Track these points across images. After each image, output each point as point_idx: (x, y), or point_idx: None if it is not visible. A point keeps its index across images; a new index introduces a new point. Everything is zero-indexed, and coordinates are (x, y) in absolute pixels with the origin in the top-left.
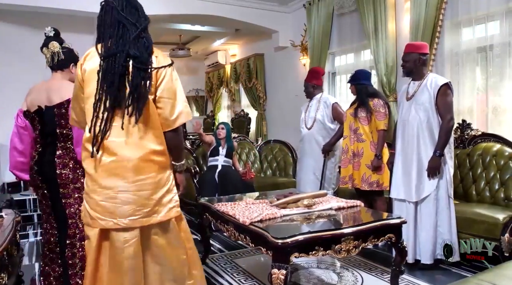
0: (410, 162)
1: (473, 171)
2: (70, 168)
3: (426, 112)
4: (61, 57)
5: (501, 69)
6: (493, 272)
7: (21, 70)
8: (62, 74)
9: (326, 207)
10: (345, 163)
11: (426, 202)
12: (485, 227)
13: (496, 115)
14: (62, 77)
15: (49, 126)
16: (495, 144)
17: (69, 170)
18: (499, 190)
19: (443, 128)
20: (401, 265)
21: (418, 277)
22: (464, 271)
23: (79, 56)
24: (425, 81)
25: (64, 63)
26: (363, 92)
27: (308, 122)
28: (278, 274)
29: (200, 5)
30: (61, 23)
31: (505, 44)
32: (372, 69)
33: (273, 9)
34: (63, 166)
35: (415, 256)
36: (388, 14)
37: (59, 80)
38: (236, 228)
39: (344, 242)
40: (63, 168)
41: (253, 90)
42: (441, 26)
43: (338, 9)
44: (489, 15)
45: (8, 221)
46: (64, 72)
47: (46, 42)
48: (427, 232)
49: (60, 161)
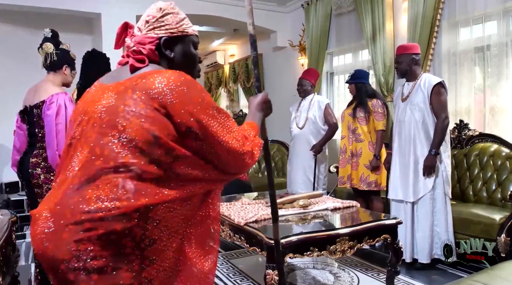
0: (407, 162)
1: (470, 171)
2: (41, 168)
3: (421, 112)
4: (53, 59)
5: (498, 69)
6: (488, 273)
7: (20, 70)
8: (54, 75)
9: (322, 208)
10: (343, 163)
11: (423, 201)
12: (482, 228)
13: (494, 115)
14: (53, 78)
15: (32, 125)
16: (492, 144)
17: (40, 170)
18: (496, 191)
19: (438, 127)
20: (396, 266)
21: (415, 277)
22: (460, 271)
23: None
24: (419, 81)
25: (56, 64)
26: (362, 91)
27: (299, 122)
28: (272, 275)
29: (197, 5)
30: (60, 24)
31: (503, 44)
32: (370, 69)
33: (271, 9)
34: (35, 166)
35: (413, 256)
36: (386, 14)
37: (46, 81)
38: (232, 229)
39: (339, 243)
40: (35, 168)
41: (251, 90)
42: (438, 26)
43: (336, 9)
44: (486, 15)
45: (3, 221)
46: (56, 73)
47: (42, 43)
48: (423, 232)
49: (34, 161)
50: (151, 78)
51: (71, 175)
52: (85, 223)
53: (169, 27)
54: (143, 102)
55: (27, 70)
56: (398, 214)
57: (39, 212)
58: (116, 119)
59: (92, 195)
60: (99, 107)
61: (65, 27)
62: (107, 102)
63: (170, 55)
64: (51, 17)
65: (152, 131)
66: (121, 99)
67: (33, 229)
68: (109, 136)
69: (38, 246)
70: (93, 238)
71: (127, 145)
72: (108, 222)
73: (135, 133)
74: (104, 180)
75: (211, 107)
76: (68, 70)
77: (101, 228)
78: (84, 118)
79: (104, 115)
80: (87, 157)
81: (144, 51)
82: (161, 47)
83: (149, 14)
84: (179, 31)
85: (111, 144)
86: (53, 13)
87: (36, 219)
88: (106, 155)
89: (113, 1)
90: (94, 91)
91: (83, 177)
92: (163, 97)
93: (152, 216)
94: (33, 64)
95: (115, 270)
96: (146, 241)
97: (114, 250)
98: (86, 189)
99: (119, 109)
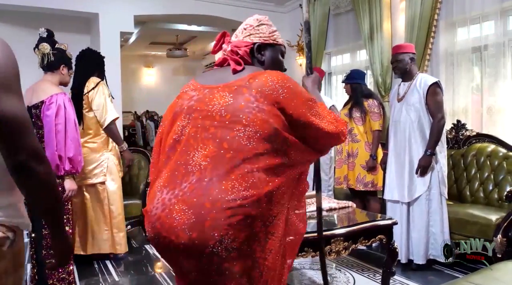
0: (403, 163)
1: (467, 171)
2: None
3: (417, 113)
4: (50, 59)
5: (495, 69)
6: (482, 274)
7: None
8: (51, 75)
9: None
10: (339, 163)
11: (418, 202)
12: (478, 228)
13: (491, 115)
14: (51, 78)
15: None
16: (490, 144)
17: None
18: (493, 191)
19: (434, 127)
20: (392, 267)
21: (411, 278)
22: (456, 272)
23: (72, 57)
24: (414, 81)
25: (53, 65)
26: (358, 91)
27: None
28: None
29: (195, 5)
30: (58, 23)
31: (500, 44)
32: (368, 69)
33: (269, 9)
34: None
35: (408, 256)
36: (384, 14)
37: (44, 81)
38: None
39: (334, 243)
40: None
41: None
42: (436, 26)
43: (334, 9)
44: (483, 15)
45: None
46: (54, 74)
47: (38, 43)
48: (419, 232)
49: None
50: (262, 78)
51: (196, 169)
52: (226, 211)
53: (263, 35)
54: (260, 98)
55: (25, 70)
56: (394, 214)
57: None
58: (240, 115)
59: (227, 186)
60: (217, 106)
61: (63, 27)
62: (224, 101)
63: (261, 58)
64: (49, 17)
65: (272, 124)
66: (239, 97)
67: (167, 223)
68: (235, 130)
69: (181, 236)
70: (232, 224)
71: (253, 137)
72: (245, 209)
73: (259, 126)
74: (236, 171)
75: (309, 99)
76: (66, 69)
77: (240, 214)
78: (194, 115)
79: (225, 112)
80: (215, 151)
81: (240, 52)
82: (254, 50)
83: (247, 23)
84: (270, 40)
85: (238, 138)
86: (51, 13)
87: (158, 214)
88: (235, 148)
89: (110, 1)
90: (196, 91)
91: (215, 170)
92: (276, 93)
93: (274, 198)
94: (31, 64)
95: (249, 247)
96: (270, 219)
97: (248, 231)
98: (221, 180)
99: (240, 106)
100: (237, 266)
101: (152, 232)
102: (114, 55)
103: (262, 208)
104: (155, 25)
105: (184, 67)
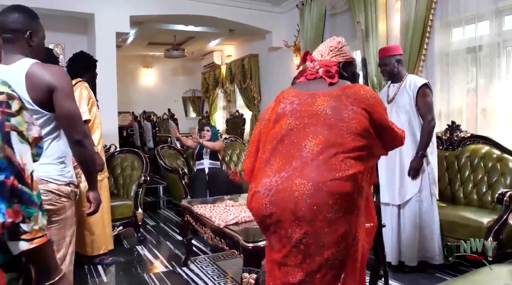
0: (393, 165)
1: (461, 173)
2: None
3: (407, 114)
4: None
5: (490, 69)
6: (466, 278)
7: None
8: None
9: None
10: None
11: (409, 204)
12: (469, 231)
13: (485, 116)
14: None
15: None
16: (484, 146)
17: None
18: (486, 193)
19: (424, 128)
20: (379, 269)
21: (401, 281)
22: (447, 275)
23: (59, 56)
24: (404, 83)
25: None
26: None
27: None
28: (248, 279)
29: (192, 5)
30: (55, 24)
31: (494, 44)
32: None
33: (266, 9)
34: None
35: (400, 259)
36: (379, 14)
37: None
38: (212, 231)
39: None
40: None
41: (247, 90)
42: (431, 26)
43: (330, 9)
44: (478, 15)
45: None
46: None
47: None
48: (409, 234)
49: None
50: (356, 88)
51: (309, 154)
52: (333, 186)
53: (345, 55)
54: (355, 103)
55: None
56: (384, 217)
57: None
58: (342, 114)
59: (332, 168)
60: (322, 107)
61: (60, 27)
62: (328, 104)
63: (344, 74)
64: (46, 17)
65: (365, 122)
66: (339, 101)
67: (286, 195)
68: (339, 126)
69: (301, 204)
70: (337, 195)
71: (352, 133)
72: (343, 183)
73: (357, 124)
74: (337, 158)
75: (384, 109)
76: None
77: (341, 189)
78: (301, 114)
79: (330, 112)
80: (325, 142)
81: (332, 71)
82: (340, 68)
83: (331, 45)
84: (350, 58)
85: (342, 133)
86: (48, 13)
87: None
88: (339, 142)
89: (106, 2)
90: (297, 96)
91: (325, 154)
92: (367, 100)
93: (358, 180)
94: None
95: (348, 215)
96: (361, 196)
97: (347, 203)
98: (328, 163)
99: (341, 108)
100: (341, 229)
101: (268, 205)
102: (110, 56)
103: (353, 186)
104: (152, 26)
105: (182, 67)
